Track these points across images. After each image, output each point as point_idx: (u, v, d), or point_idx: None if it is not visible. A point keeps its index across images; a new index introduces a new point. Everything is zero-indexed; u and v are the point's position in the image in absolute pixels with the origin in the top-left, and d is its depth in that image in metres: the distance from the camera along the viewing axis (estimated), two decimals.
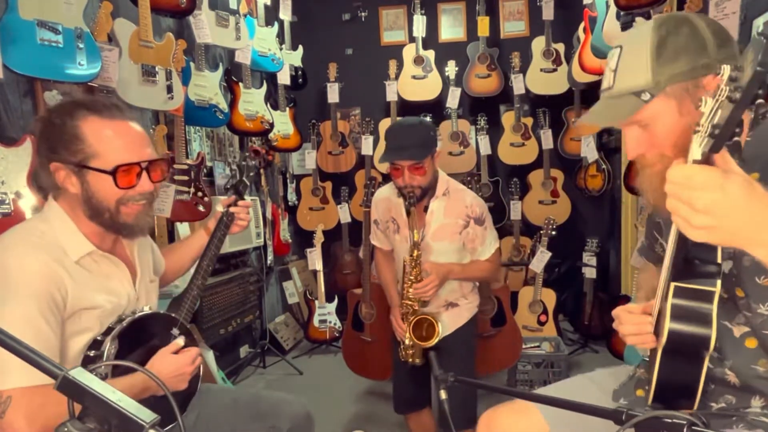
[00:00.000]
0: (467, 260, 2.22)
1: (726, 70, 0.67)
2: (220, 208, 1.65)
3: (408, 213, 2.05)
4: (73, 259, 1.23)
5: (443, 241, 2.14)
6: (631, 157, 1.05)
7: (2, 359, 0.99)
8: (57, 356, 1.18)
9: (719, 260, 0.88)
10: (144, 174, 1.29)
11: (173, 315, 1.43)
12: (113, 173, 1.23)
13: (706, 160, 0.70)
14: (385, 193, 2.28)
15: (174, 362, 1.30)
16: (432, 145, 2.05)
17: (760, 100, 0.65)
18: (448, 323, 2.19)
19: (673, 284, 0.90)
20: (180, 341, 1.35)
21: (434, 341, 2.05)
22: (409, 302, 2.10)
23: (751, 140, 0.99)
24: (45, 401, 1.09)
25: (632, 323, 1.06)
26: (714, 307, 0.88)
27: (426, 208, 2.14)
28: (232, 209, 1.65)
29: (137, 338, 1.30)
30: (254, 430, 1.59)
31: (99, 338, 1.24)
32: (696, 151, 0.71)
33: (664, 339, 0.90)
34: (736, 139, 0.68)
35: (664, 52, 0.95)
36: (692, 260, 0.89)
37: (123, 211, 1.28)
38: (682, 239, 0.87)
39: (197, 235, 1.71)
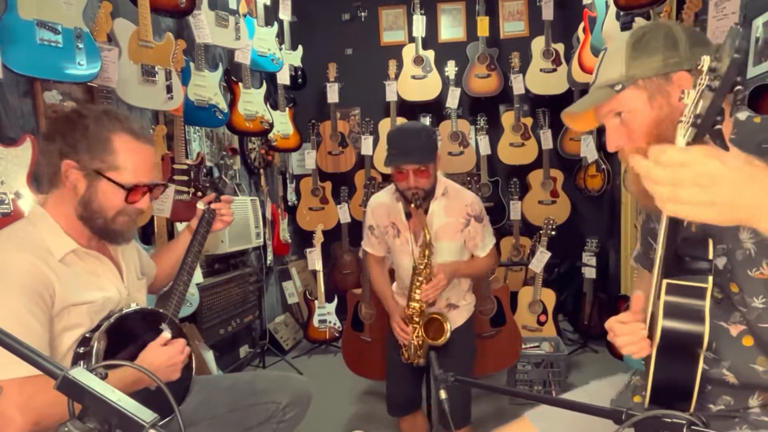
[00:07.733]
0: (466, 257, 2.24)
1: (706, 60, 0.68)
2: (201, 206, 1.67)
3: (408, 216, 2.09)
4: (57, 258, 1.26)
5: (445, 241, 2.14)
6: (611, 149, 1.09)
7: None
8: (47, 351, 1.20)
9: (711, 256, 0.88)
10: (147, 194, 1.39)
11: (161, 311, 1.45)
12: (129, 190, 1.32)
13: None
14: (383, 198, 2.26)
15: (164, 353, 1.34)
16: (435, 148, 2.06)
17: (738, 87, 0.66)
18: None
19: (665, 281, 0.89)
20: (167, 334, 1.38)
21: (444, 339, 2.08)
22: (416, 303, 2.09)
23: (735, 138, 1.00)
24: (36, 390, 1.10)
25: (626, 333, 1.03)
26: (707, 304, 0.87)
27: (426, 211, 2.13)
28: (213, 206, 1.67)
29: (126, 334, 1.32)
30: (251, 405, 1.61)
31: (87, 335, 1.26)
32: (680, 141, 0.71)
33: (657, 338, 0.89)
34: (717, 127, 0.68)
35: (639, 49, 1.02)
36: (683, 257, 0.89)
37: (119, 220, 1.35)
38: (671, 236, 0.87)
39: (183, 236, 1.72)
